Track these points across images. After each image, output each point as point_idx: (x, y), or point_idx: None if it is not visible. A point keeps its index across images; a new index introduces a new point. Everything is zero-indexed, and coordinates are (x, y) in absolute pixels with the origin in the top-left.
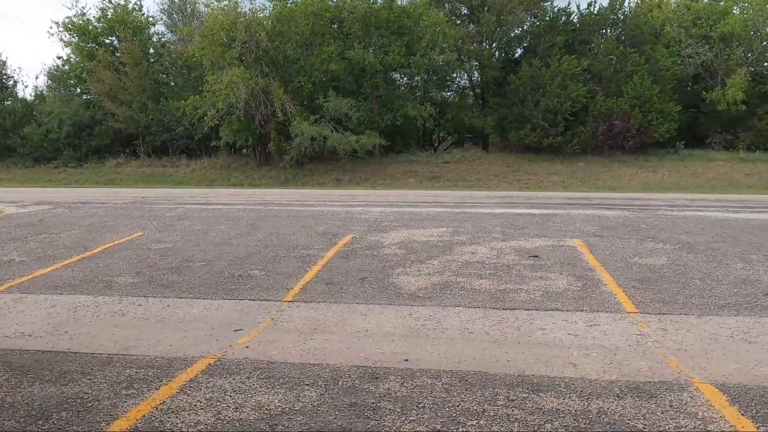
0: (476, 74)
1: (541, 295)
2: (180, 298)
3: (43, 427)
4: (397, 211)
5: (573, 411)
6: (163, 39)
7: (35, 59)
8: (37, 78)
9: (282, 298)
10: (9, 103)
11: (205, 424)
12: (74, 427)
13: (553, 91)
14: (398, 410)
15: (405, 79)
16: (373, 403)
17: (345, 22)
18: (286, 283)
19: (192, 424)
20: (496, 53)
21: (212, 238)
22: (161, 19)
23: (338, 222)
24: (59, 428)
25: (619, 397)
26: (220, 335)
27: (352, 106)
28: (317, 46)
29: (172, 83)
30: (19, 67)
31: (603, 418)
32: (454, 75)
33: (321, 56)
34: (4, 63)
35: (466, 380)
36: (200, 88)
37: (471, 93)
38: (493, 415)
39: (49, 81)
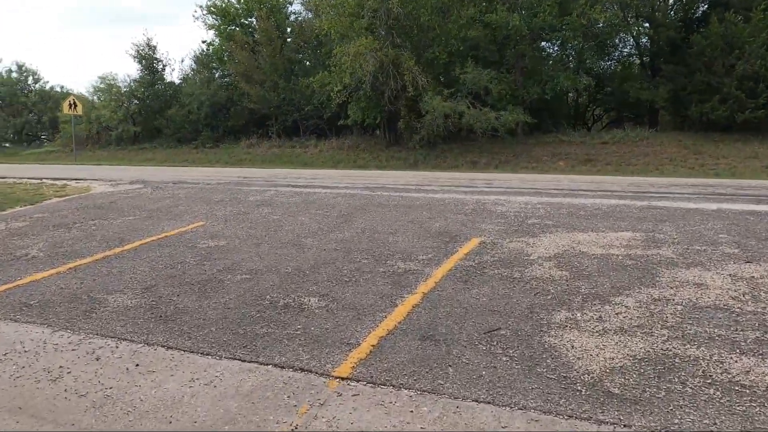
0: (644, 39)
1: None
2: (168, 348)
3: None
4: (549, 202)
5: None
6: (299, 18)
7: (186, 48)
8: (182, 61)
9: (333, 370)
10: (158, 86)
11: None
12: None
13: (755, 52)
14: None
15: (556, 47)
16: None
17: None
18: (352, 329)
19: None
20: (672, 11)
21: (282, 235)
22: None
23: (462, 216)
24: None
25: None
26: None
27: (492, 78)
28: (455, 11)
29: (307, 62)
30: (167, 51)
31: None
32: (616, 41)
33: (458, 22)
34: (155, 48)
35: None
36: (327, 63)
37: (637, 60)
38: None
39: (194, 64)
